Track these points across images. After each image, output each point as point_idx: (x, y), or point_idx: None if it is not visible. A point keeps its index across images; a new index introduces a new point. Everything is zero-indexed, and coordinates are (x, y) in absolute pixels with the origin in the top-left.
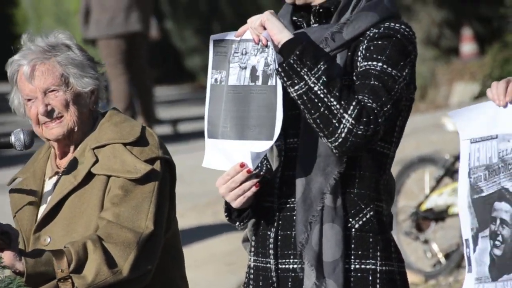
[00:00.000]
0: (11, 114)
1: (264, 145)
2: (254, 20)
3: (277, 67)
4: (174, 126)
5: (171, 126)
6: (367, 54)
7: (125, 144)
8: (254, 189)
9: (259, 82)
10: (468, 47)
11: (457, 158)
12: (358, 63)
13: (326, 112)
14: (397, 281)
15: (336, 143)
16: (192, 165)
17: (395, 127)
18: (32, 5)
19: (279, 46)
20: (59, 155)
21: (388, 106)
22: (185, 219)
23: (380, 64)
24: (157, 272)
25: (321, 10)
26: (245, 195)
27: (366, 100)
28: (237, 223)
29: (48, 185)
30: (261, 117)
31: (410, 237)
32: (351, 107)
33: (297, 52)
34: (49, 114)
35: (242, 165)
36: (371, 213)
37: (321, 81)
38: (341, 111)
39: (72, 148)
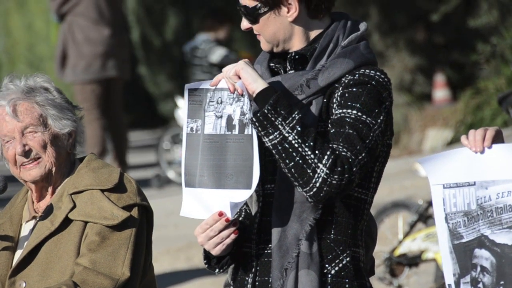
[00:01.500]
0: None
1: (242, 194)
2: (228, 69)
3: (251, 116)
4: (159, 180)
5: (156, 180)
6: (342, 102)
7: (102, 190)
8: (233, 236)
9: (236, 131)
10: (440, 93)
11: (430, 203)
12: (333, 110)
13: (300, 161)
14: None
15: (311, 193)
16: (166, 209)
17: (372, 173)
18: (5, 51)
19: (254, 95)
20: (36, 198)
21: (363, 155)
22: (158, 263)
23: (354, 111)
24: None
25: (297, 56)
26: (224, 242)
27: (340, 149)
28: (217, 269)
29: (25, 229)
30: (238, 165)
31: (383, 282)
32: (326, 157)
33: (271, 102)
34: (27, 154)
35: (221, 214)
36: (348, 259)
37: (295, 131)
38: (315, 160)
39: (49, 190)
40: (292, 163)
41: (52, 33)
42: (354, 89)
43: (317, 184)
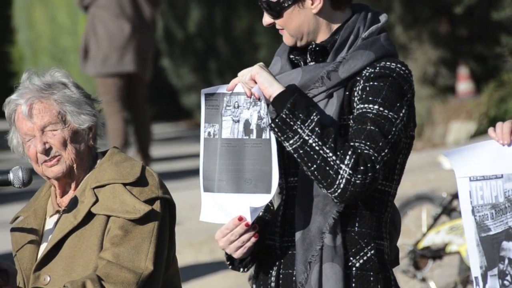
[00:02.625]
0: (9, 151)
1: (262, 199)
2: (244, 74)
3: (270, 122)
4: None
5: None
6: (363, 96)
7: (125, 184)
8: (253, 239)
9: (253, 136)
10: (464, 85)
11: (454, 196)
12: (354, 104)
13: (322, 164)
14: None
15: (336, 194)
16: (189, 202)
17: (396, 165)
18: (28, 43)
19: (271, 100)
20: (59, 193)
21: (386, 151)
22: (182, 256)
23: (376, 106)
24: None
25: (317, 48)
26: (245, 246)
27: (362, 147)
28: (241, 269)
29: (49, 223)
30: (257, 170)
31: (407, 275)
32: (347, 157)
33: (289, 106)
34: (47, 152)
35: (241, 219)
36: (372, 251)
37: (315, 133)
38: (337, 162)
39: (73, 186)
40: (315, 165)
41: (80, 25)
42: (376, 83)
43: (341, 185)
